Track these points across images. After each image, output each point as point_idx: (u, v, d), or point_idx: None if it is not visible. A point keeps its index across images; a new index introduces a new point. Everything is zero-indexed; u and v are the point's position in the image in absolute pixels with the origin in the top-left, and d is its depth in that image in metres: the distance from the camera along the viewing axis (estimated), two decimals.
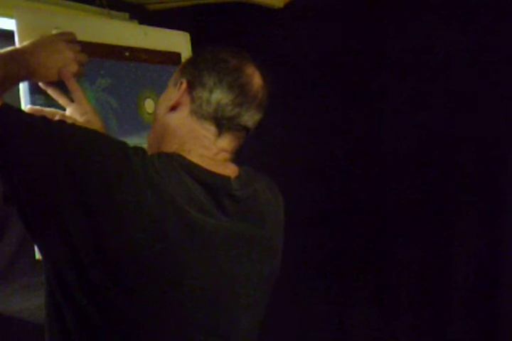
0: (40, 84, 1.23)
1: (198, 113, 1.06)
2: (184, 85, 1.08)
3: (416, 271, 2.07)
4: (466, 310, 1.98)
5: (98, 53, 1.47)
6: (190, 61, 1.13)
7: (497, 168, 1.92)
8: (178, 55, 1.69)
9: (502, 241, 1.92)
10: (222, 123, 1.06)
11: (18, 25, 1.31)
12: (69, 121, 1.08)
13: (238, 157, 1.14)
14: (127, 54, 1.55)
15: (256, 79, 1.08)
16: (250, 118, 1.08)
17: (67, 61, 1.19)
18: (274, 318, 1.20)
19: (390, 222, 2.11)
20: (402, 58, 2.02)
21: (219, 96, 1.05)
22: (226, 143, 1.08)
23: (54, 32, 1.25)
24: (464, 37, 1.91)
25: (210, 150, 1.07)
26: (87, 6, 1.63)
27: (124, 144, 0.98)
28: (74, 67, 1.20)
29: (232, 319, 1.05)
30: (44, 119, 0.97)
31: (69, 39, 1.22)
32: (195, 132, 1.07)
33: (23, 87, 1.25)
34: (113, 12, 1.68)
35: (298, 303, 2.19)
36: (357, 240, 2.17)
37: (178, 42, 1.71)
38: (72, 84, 1.22)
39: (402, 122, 2.05)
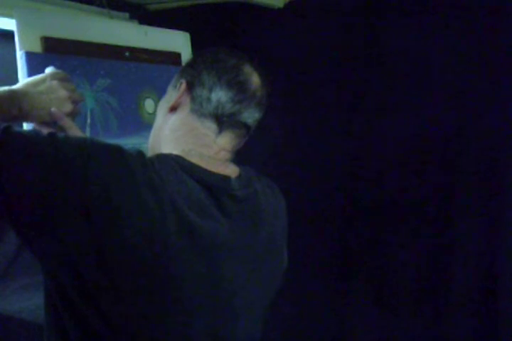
0: (34, 125, 1.18)
1: (198, 111, 1.07)
2: (183, 85, 1.08)
3: (416, 271, 2.07)
4: (466, 310, 1.98)
5: (98, 53, 1.47)
6: (189, 63, 1.14)
7: (497, 168, 1.92)
8: (178, 55, 1.70)
9: (502, 241, 1.92)
10: (222, 120, 1.06)
11: (18, 25, 1.31)
12: None
13: (238, 157, 1.14)
14: (127, 54, 1.55)
15: (254, 78, 1.09)
16: (250, 115, 1.08)
17: (61, 100, 1.14)
18: (274, 318, 1.20)
19: (390, 221, 2.11)
20: (402, 58, 2.02)
21: (219, 93, 1.06)
22: (226, 141, 1.08)
23: (47, 71, 1.20)
24: (463, 37, 1.91)
25: (210, 148, 1.07)
26: (87, 6, 1.63)
27: (120, 147, 0.98)
28: (68, 107, 1.15)
29: (233, 321, 1.05)
30: (35, 131, 0.96)
31: (62, 77, 1.18)
32: (196, 131, 1.07)
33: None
34: (113, 12, 1.68)
35: (298, 303, 2.19)
36: (357, 240, 2.17)
37: (178, 42, 1.71)
38: (66, 123, 1.17)
39: (402, 122, 2.05)
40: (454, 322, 2.00)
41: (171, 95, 1.12)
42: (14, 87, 1.12)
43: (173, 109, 1.10)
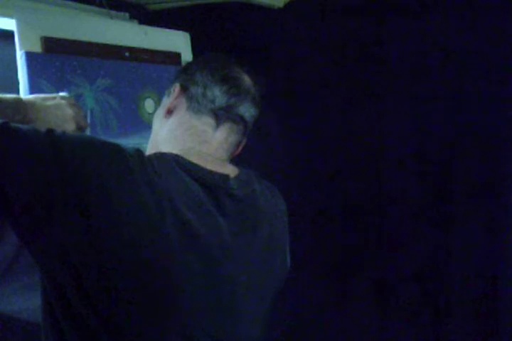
0: None
1: (195, 108, 1.08)
2: (178, 88, 1.11)
3: (416, 271, 2.07)
4: (466, 310, 1.98)
5: (98, 53, 1.47)
6: (181, 69, 1.17)
7: (497, 168, 1.92)
8: (178, 55, 1.70)
9: (502, 241, 1.92)
10: (219, 113, 1.08)
11: (18, 25, 1.32)
12: None
13: (238, 157, 1.14)
14: (127, 54, 1.55)
15: (246, 77, 1.11)
16: (246, 109, 1.10)
17: (66, 118, 1.14)
18: (274, 318, 1.20)
19: (390, 222, 2.11)
20: (403, 58, 2.02)
21: (213, 89, 1.08)
22: (224, 135, 1.09)
23: (61, 94, 1.21)
24: (463, 37, 1.91)
25: (209, 144, 1.07)
26: (87, 6, 1.63)
27: (120, 146, 0.97)
28: (71, 126, 1.15)
29: (233, 321, 1.04)
30: (33, 127, 0.96)
31: (71, 101, 1.18)
32: (194, 128, 1.08)
33: None
34: (113, 12, 1.68)
35: (298, 303, 2.19)
36: (357, 240, 2.17)
37: (178, 42, 1.71)
38: None
39: (402, 122, 2.05)
40: (454, 323, 2.00)
41: (166, 103, 1.13)
42: (22, 96, 1.13)
43: (169, 112, 1.11)
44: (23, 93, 1.28)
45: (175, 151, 1.05)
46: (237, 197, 1.05)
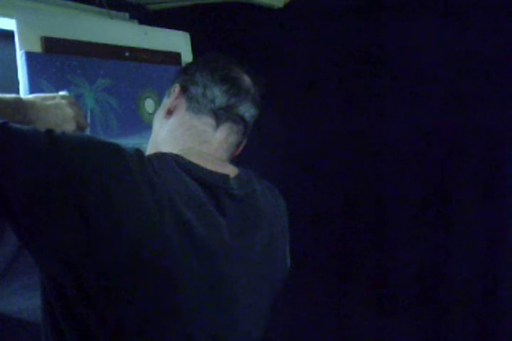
0: None
1: (195, 108, 1.09)
2: (177, 89, 1.11)
3: (416, 272, 2.07)
4: (466, 310, 1.98)
5: (98, 53, 1.47)
6: (181, 70, 1.17)
7: (497, 168, 1.92)
8: (178, 55, 1.70)
9: (502, 241, 1.92)
10: (219, 113, 1.08)
11: (18, 25, 1.32)
12: None
13: (239, 157, 1.14)
14: (127, 54, 1.55)
15: (246, 77, 1.12)
16: (246, 109, 1.10)
17: (66, 117, 1.14)
18: (274, 318, 1.20)
19: (390, 222, 2.11)
20: (402, 58, 2.02)
21: (213, 88, 1.08)
22: (224, 136, 1.09)
23: (59, 93, 1.21)
24: (463, 37, 1.91)
25: (209, 144, 1.07)
26: (87, 6, 1.63)
27: (119, 145, 0.97)
28: (71, 126, 1.15)
29: (233, 321, 1.04)
30: (33, 127, 0.96)
31: (71, 100, 1.18)
32: (194, 129, 1.08)
33: None
34: (113, 12, 1.68)
35: (297, 304, 2.19)
36: (357, 240, 2.17)
37: (178, 42, 1.71)
38: None
39: (402, 122, 2.04)
40: (454, 323, 2.00)
41: (166, 103, 1.13)
42: (22, 96, 1.12)
43: (170, 112, 1.11)
44: (23, 93, 1.28)
45: (175, 151, 1.05)
46: (237, 197, 1.05)
